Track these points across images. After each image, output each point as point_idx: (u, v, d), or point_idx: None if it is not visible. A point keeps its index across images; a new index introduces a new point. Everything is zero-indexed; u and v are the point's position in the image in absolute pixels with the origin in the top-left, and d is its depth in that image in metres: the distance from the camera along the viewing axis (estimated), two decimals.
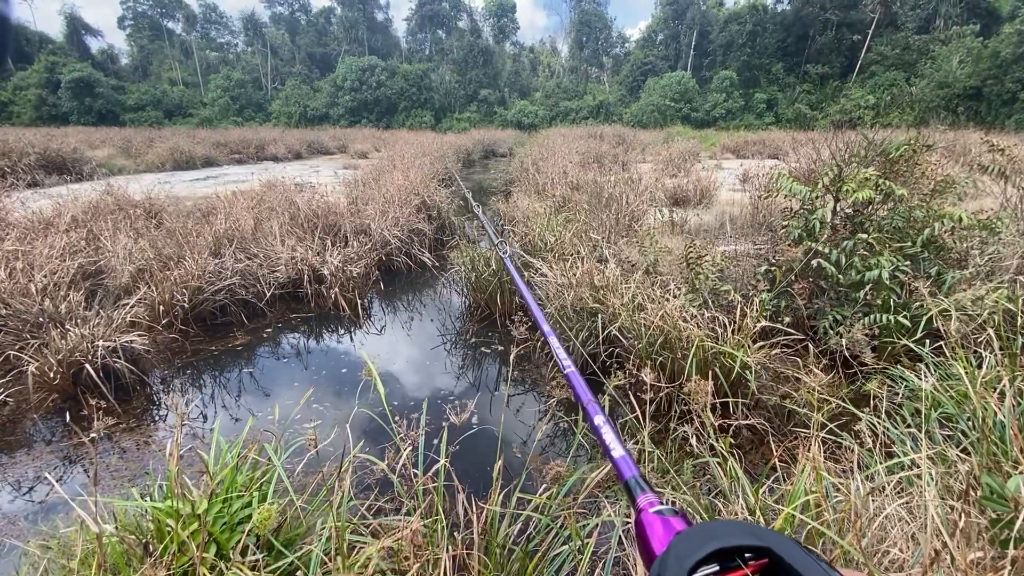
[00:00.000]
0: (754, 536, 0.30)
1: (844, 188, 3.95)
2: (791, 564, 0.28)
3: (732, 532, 0.30)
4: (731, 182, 10.98)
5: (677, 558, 0.29)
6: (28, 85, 45.46)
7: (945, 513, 1.36)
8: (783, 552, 0.29)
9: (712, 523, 0.32)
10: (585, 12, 61.02)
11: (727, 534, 0.30)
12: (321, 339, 4.77)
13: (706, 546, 0.29)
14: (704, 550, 0.29)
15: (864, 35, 45.87)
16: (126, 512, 1.95)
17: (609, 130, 25.57)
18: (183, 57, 59.85)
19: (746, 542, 0.30)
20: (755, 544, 0.29)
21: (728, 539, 0.30)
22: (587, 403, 0.54)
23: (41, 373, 3.35)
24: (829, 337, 3.63)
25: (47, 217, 5.81)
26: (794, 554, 0.28)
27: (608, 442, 0.48)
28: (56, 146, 13.59)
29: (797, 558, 0.28)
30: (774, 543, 0.29)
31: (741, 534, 0.30)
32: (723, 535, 0.30)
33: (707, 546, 0.29)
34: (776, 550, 0.29)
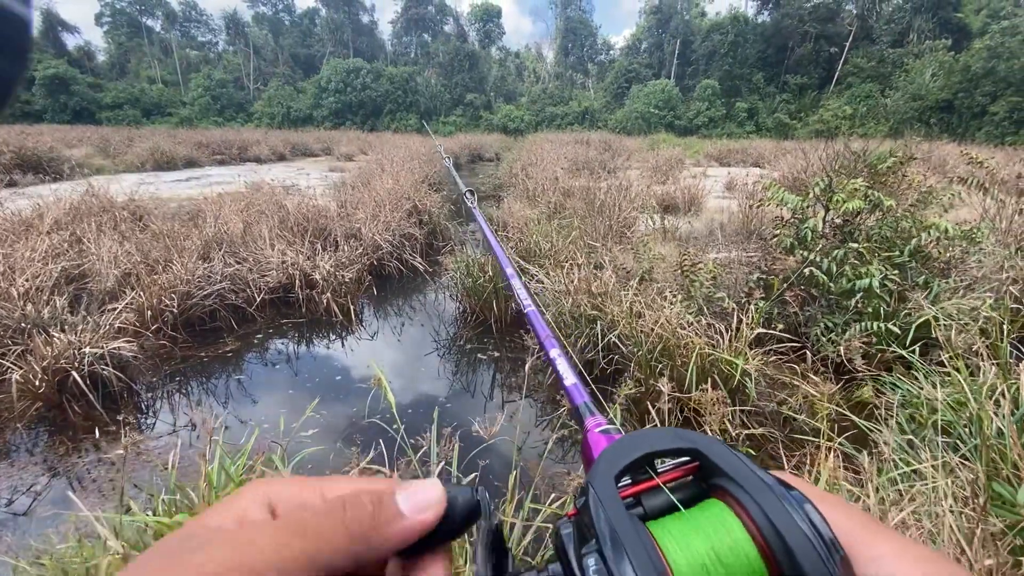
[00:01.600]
0: (682, 439, 0.30)
1: (835, 198, 4.06)
2: (718, 464, 0.28)
3: (660, 438, 0.30)
4: (717, 190, 11.16)
5: (607, 464, 0.29)
6: None
7: (956, 520, 1.39)
8: (710, 452, 0.28)
9: (642, 431, 0.31)
10: (571, 19, 61.62)
11: (655, 440, 0.30)
12: (314, 345, 4.70)
13: (634, 452, 0.29)
14: (632, 455, 0.29)
15: (841, 47, 47.19)
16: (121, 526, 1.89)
17: (596, 136, 25.80)
18: (162, 55, 58.70)
19: (674, 445, 0.30)
20: (684, 447, 0.29)
21: (656, 444, 0.30)
22: (544, 338, 0.56)
23: (26, 381, 3.24)
24: (822, 344, 3.71)
25: (27, 218, 5.63)
26: (721, 454, 0.28)
27: (562, 372, 0.49)
28: (32, 145, 13.19)
29: (724, 457, 0.28)
30: (701, 444, 0.29)
31: (669, 439, 0.30)
32: (651, 441, 0.30)
33: (635, 452, 0.29)
34: (704, 451, 0.29)
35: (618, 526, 0.24)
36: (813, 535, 0.23)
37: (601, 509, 0.25)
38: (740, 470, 0.27)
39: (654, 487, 0.29)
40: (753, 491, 0.25)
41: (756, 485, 0.25)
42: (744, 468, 0.27)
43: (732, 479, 0.26)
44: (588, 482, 0.28)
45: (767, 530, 0.24)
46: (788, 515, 0.23)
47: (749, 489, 0.25)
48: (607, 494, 0.26)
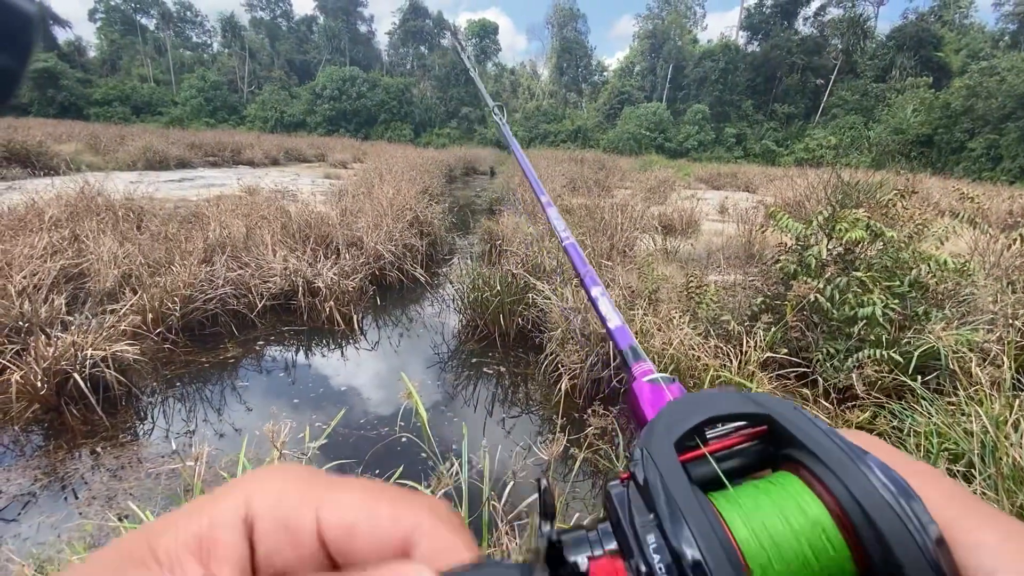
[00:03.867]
0: (752, 403, 0.27)
1: (837, 227, 4.17)
2: (791, 431, 0.25)
3: (727, 400, 0.27)
4: (710, 213, 11.37)
5: (666, 427, 0.26)
6: None
7: None
8: (783, 418, 0.26)
9: (707, 391, 0.28)
10: (566, 39, 62.77)
11: (722, 402, 0.27)
12: (316, 354, 4.65)
13: (696, 415, 0.26)
14: (693, 420, 0.26)
15: (827, 79, 48.76)
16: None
17: (590, 155, 26.15)
18: (156, 54, 58.25)
19: (742, 410, 0.27)
20: (753, 411, 0.27)
21: (722, 407, 0.27)
22: (584, 275, 0.53)
23: (26, 381, 3.15)
24: (825, 370, 3.78)
25: (21, 214, 5.51)
26: (796, 420, 0.25)
27: (604, 313, 0.47)
28: (21, 139, 12.94)
29: (800, 424, 0.25)
30: (773, 409, 0.26)
31: (737, 401, 0.27)
32: (717, 403, 0.27)
33: (697, 415, 0.26)
34: (776, 417, 0.26)
35: (680, 499, 0.22)
36: (907, 516, 0.20)
37: (660, 480, 0.23)
38: (818, 439, 0.24)
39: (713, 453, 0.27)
40: (833, 463, 0.22)
41: (837, 457, 0.22)
42: (823, 437, 0.24)
43: (807, 449, 0.24)
44: (643, 447, 0.25)
45: (851, 508, 0.21)
46: (876, 492, 0.21)
47: (828, 461, 0.23)
48: (666, 463, 0.24)
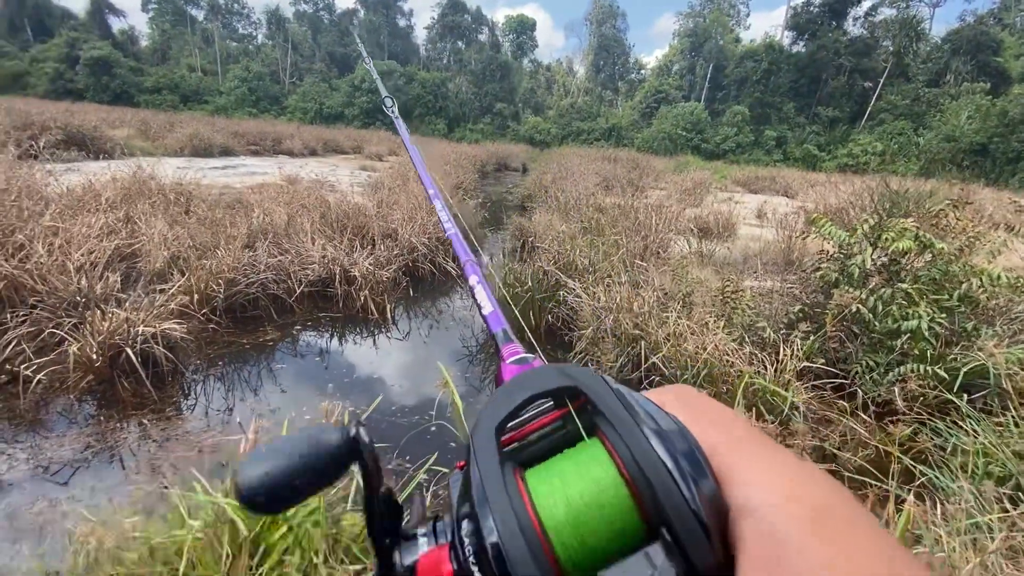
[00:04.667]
0: (565, 377, 0.28)
1: (883, 236, 4.03)
2: (594, 400, 0.26)
3: (544, 377, 0.28)
4: (748, 217, 11.11)
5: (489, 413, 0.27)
6: (46, 58, 45.54)
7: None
8: (588, 389, 0.27)
9: (528, 371, 0.29)
10: (605, 37, 62.06)
11: (540, 380, 0.28)
12: (350, 341, 4.77)
13: (517, 397, 0.27)
14: (515, 401, 0.27)
15: (875, 83, 46.85)
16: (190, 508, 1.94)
17: (624, 154, 25.86)
18: (203, 44, 60.23)
19: (556, 385, 0.28)
20: (566, 384, 0.28)
21: (539, 385, 0.28)
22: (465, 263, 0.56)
23: (82, 354, 3.34)
24: (864, 382, 3.67)
25: (79, 195, 5.81)
26: (598, 389, 0.26)
27: (480, 300, 0.49)
28: (77, 123, 13.60)
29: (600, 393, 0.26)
30: (581, 381, 0.27)
31: (553, 378, 0.28)
32: (535, 382, 0.28)
33: (518, 396, 0.27)
34: (583, 388, 0.27)
35: (488, 483, 0.23)
36: (678, 468, 0.21)
37: (476, 465, 0.24)
38: (613, 407, 0.25)
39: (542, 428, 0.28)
40: (620, 425, 0.24)
41: (623, 419, 0.24)
42: (614, 401, 0.25)
43: (607, 415, 0.25)
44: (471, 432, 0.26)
45: (633, 469, 0.22)
46: (649, 448, 0.22)
47: (617, 424, 0.24)
48: (483, 447, 0.25)
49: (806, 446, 1.83)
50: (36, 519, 2.48)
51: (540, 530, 0.22)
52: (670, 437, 0.23)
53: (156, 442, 3.08)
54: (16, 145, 7.26)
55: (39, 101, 25.21)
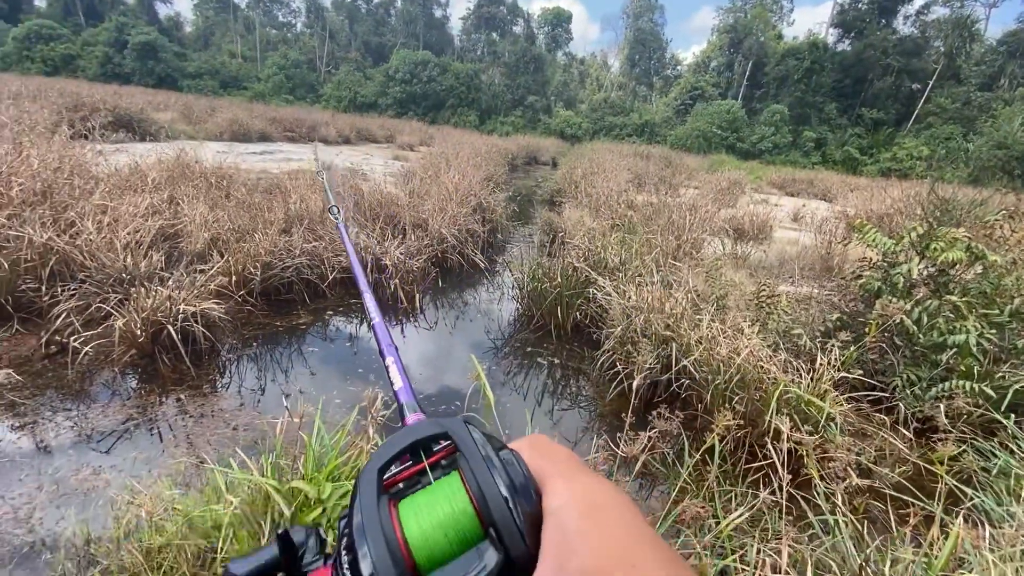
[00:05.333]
0: (437, 426, 0.34)
1: (932, 246, 3.87)
2: (456, 442, 0.32)
3: (423, 428, 0.34)
4: (784, 219, 10.81)
5: (376, 457, 0.33)
6: (96, 42, 47.19)
7: None
8: (452, 434, 0.33)
9: (414, 423, 0.36)
10: (641, 31, 60.95)
11: (420, 430, 0.34)
12: None
13: (401, 443, 0.33)
14: (399, 447, 0.33)
15: (924, 85, 44.80)
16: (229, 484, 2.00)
17: (656, 151, 25.44)
18: (245, 32, 61.54)
19: (430, 432, 0.34)
20: (438, 432, 0.34)
21: (419, 434, 0.34)
22: (385, 346, 0.61)
23: (127, 329, 3.46)
24: (905, 397, 3.54)
25: (126, 175, 6.02)
26: (460, 433, 0.32)
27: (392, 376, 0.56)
28: (125, 105, 14.09)
29: (461, 436, 0.32)
30: (449, 428, 0.33)
31: (427, 427, 0.34)
32: (416, 432, 0.34)
33: (402, 443, 0.33)
34: (450, 433, 0.33)
35: (365, 512, 0.29)
36: (507, 487, 0.29)
37: (359, 498, 0.30)
38: (467, 444, 0.31)
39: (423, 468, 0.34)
40: (471, 459, 0.30)
41: (474, 454, 0.31)
42: (470, 442, 0.32)
43: (464, 453, 0.31)
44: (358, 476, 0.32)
45: (475, 490, 0.29)
46: (488, 475, 0.29)
47: (470, 458, 0.31)
48: (366, 485, 0.31)
49: (849, 461, 1.77)
50: (80, 485, 2.59)
51: (403, 543, 0.29)
52: (504, 466, 0.30)
53: (193, 417, 3.18)
54: (69, 125, 7.55)
55: (89, 84, 26.16)
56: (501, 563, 0.27)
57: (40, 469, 2.63)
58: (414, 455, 0.35)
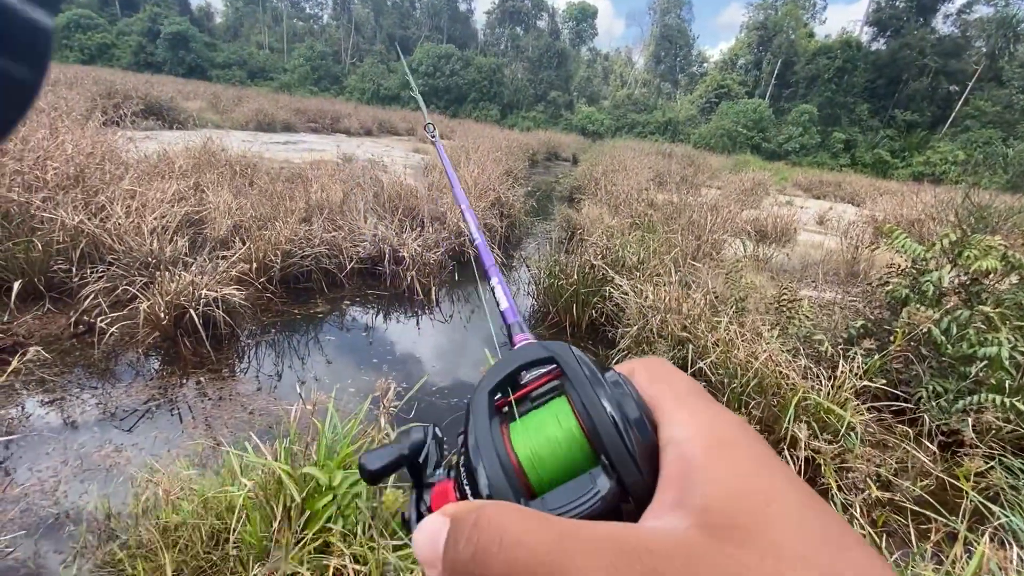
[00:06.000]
0: (544, 350, 0.33)
1: (965, 253, 3.74)
2: (562, 367, 0.32)
3: (529, 351, 0.34)
4: (808, 223, 10.57)
5: (486, 380, 0.33)
6: (131, 32, 48.38)
7: None
8: (559, 358, 0.32)
9: (519, 347, 0.36)
10: (668, 27, 60.05)
11: (526, 354, 0.34)
12: (394, 320, 4.87)
13: (509, 366, 0.33)
14: (507, 369, 0.33)
15: (963, 87, 43.30)
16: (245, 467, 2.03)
17: (679, 149, 25.09)
18: (272, 23, 62.37)
19: (538, 356, 0.33)
20: (544, 356, 0.33)
21: (526, 357, 0.33)
22: (489, 266, 0.62)
23: (151, 311, 3.55)
24: (930, 408, 3.44)
25: (155, 162, 6.15)
26: (566, 357, 0.32)
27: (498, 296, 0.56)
28: (156, 94, 14.41)
29: (567, 360, 0.32)
30: (555, 352, 0.33)
31: (534, 351, 0.34)
32: (523, 355, 0.34)
33: (509, 366, 0.33)
34: (556, 357, 0.33)
35: (479, 431, 0.30)
36: (616, 412, 0.28)
37: (472, 419, 0.31)
38: (574, 368, 0.31)
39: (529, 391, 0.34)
40: (577, 384, 0.30)
41: (580, 379, 0.30)
42: (576, 367, 0.31)
43: (570, 377, 0.31)
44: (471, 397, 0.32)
45: (583, 414, 0.29)
46: (596, 400, 0.29)
47: (576, 382, 0.30)
48: (478, 407, 0.31)
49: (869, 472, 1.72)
50: (103, 461, 2.67)
51: (516, 462, 0.29)
52: (614, 391, 0.29)
53: (212, 400, 3.25)
54: (102, 112, 7.75)
55: (122, 72, 26.83)
56: (615, 490, 0.27)
57: (66, 444, 2.71)
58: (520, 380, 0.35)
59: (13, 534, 2.10)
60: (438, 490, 0.33)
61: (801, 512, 0.22)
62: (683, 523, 0.22)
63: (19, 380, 3.11)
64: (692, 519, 0.22)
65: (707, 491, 0.23)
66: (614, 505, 0.27)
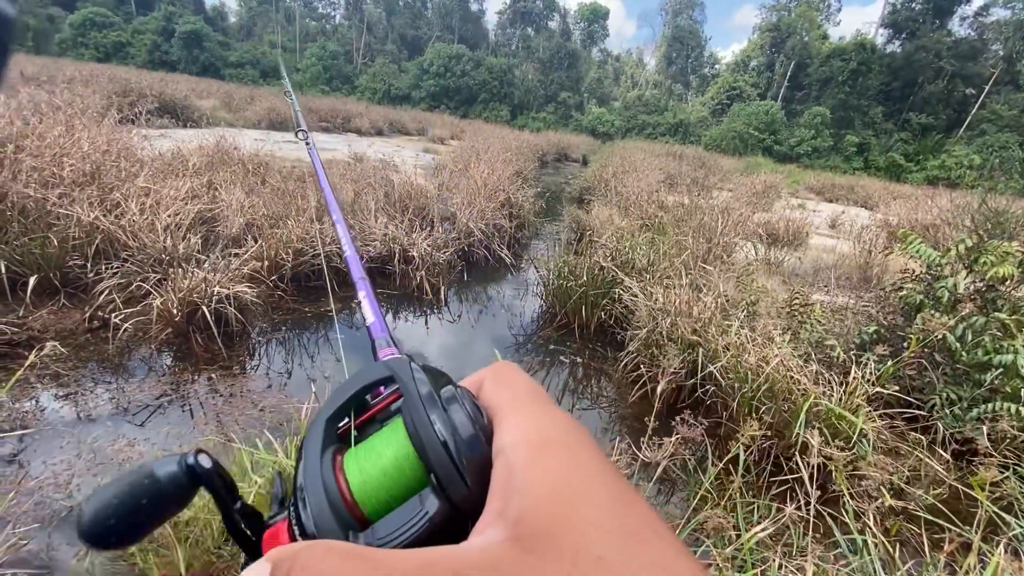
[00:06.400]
0: (385, 369, 0.32)
1: (981, 259, 3.68)
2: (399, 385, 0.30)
3: (370, 372, 0.32)
4: (820, 226, 10.47)
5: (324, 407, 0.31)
6: (146, 30, 48.95)
7: None
8: (397, 377, 0.31)
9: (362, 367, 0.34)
10: (680, 28, 59.79)
11: (365, 375, 0.32)
12: (403, 319, 4.89)
13: (348, 391, 0.32)
14: (346, 395, 0.32)
15: (979, 90, 42.70)
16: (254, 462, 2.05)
17: (690, 151, 24.97)
18: (285, 23, 62.89)
19: (377, 376, 0.32)
20: (384, 375, 0.32)
21: (365, 378, 0.32)
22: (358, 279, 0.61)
23: (164, 307, 3.59)
24: (943, 416, 3.39)
25: (169, 160, 6.22)
26: (403, 376, 0.30)
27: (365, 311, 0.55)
28: (170, 92, 14.58)
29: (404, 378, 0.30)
30: (393, 370, 0.31)
31: (378, 370, 0.32)
32: (362, 376, 0.32)
33: (349, 391, 0.32)
34: (394, 377, 0.31)
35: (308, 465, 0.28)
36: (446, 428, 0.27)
37: (303, 453, 0.29)
38: (408, 385, 0.30)
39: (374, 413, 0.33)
40: (411, 401, 0.29)
41: (413, 395, 0.29)
42: (410, 382, 0.30)
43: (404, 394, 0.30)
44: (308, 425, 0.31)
45: (415, 435, 0.28)
46: (425, 419, 0.28)
47: (409, 400, 0.29)
48: (310, 438, 0.30)
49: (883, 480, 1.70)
50: (116, 455, 2.70)
51: (347, 493, 0.28)
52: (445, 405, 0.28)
53: (223, 397, 3.28)
54: (118, 110, 7.85)
55: (137, 70, 27.15)
56: (444, 509, 0.26)
57: (80, 438, 2.75)
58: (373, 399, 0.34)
59: (27, 526, 2.13)
60: (270, 533, 0.31)
61: (607, 511, 0.23)
62: (499, 535, 0.22)
63: (34, 374, 3.16)
64: (507, 531, 0.22)
65: (523, 500, 0.23)
66: (447, 525, 0.26)
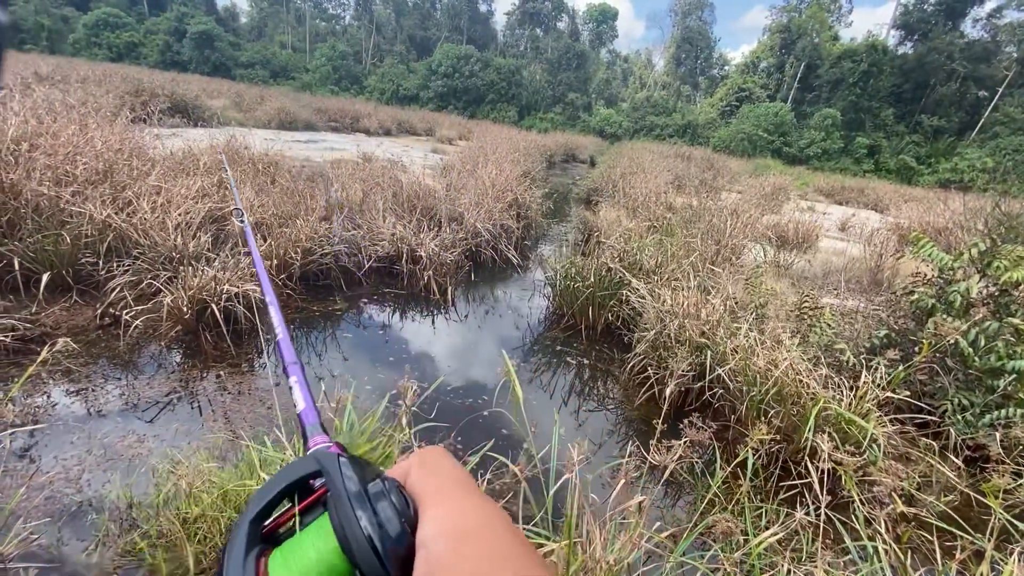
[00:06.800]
0: (315, 463, 0.32)
1: (994, 264, 3.64)
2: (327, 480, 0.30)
3: (298, 466, 0.32)
4: (830, 228, 10.38)
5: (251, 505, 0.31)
6: (158, 31, 49.43)
7: None
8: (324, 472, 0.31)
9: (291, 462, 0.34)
10: (689, 29, 59.53)
11: (294, 469, 0.32)
12: (410, 319, 4.90)
13: (276, 487, 0.31)
14: (273, 491, 0.31)
15: (993, 92, 42.15)
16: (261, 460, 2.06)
17: (698, 152, 24.86)
18: (296, 23, 63.29)
19: (308, 470, 0.32)
20: (312, 470, 0.31)
21: (293, 474, 0.32)
22: (289, 364, 0.59)
23: (175, 305, 3.62)
24: (956, 422, 3.35)
25: (180, 159, 6.28)
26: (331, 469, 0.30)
27: (295, 397, 0.53)
28: (181, 91, 14.71)
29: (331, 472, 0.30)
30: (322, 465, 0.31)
31: (306, 465, 0.32)
32: (290, 471, 0.32)
33: (277, 487, 0.31)
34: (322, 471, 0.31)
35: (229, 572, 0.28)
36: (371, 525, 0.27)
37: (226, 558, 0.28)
38: (335, 481, 0.30)
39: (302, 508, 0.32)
40: (337, 497, 0.29)
41: (339, 491, 0.29)
42: (337, 478, 0.30)
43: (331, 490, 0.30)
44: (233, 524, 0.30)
45: (340, 533, 0.28)
46: (350, 514, 0.27)
47: (336, 496, 0.29)
48: (234, 542, 0.29)
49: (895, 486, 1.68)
50: (126, 451, 2.73)
51: None
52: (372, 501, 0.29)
53: (231, 394, 3.30)
54: (130, 109, 7.94)
55: (149, 70, 27.42)
56: None
57: (90, 433, 2.78)
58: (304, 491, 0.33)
59: (38, 521, 2.16)
60: None
61: None
62: None
63: (45, 370, 3.20)
64: None
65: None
66: None
